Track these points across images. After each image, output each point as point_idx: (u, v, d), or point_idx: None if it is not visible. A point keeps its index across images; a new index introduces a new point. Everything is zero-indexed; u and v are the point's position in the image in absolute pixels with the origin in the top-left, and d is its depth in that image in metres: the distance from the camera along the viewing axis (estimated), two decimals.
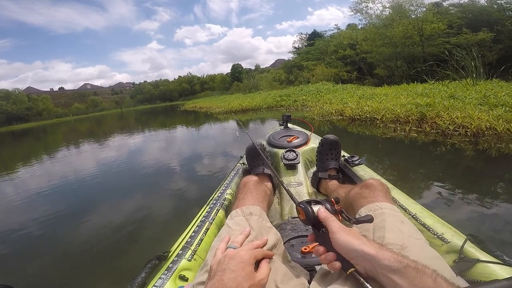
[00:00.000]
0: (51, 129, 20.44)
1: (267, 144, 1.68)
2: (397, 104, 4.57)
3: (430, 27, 11.53)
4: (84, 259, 1.73)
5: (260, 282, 0.52)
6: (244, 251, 0.55)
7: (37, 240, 2.08)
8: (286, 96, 10.83)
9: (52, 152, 7.24)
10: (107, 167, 4.28)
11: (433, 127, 3.47)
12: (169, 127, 9.83)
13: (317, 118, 5.47)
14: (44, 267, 1.72)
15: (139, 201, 2.65)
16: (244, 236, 0.64)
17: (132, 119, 19.45)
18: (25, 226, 2.35)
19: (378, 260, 0.45)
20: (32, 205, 2.93)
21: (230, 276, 0.49)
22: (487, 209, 1.63)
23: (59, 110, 50.81)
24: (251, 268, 0.52)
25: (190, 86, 58.64)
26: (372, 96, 6.43)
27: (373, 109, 4.66)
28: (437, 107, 3.89)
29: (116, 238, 1.95)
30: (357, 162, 1.36)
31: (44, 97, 49.62)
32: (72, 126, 20.94)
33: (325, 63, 17.93)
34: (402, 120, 3.97)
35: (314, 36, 26.43)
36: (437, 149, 2.88)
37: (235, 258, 0.53)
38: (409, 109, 4.10)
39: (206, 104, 16.63)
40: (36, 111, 43.38)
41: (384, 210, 0.70)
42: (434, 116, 3.63)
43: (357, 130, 4.33)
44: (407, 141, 3.28)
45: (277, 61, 68.26)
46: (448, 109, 3.74)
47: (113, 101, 66.53)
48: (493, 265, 0.63)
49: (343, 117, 5.23)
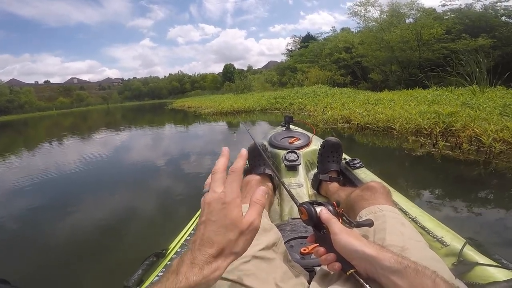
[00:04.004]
0: (22, 123, 19.43)
1: (269, 144, 1.64)
2: (413, 112, 4.03)
3: (428, 32, 11.28)
4: (72, 256, 1.67)
5: (251, 226, 0.41)
6: (222, 192, 0.41)
7: (19, 236, 2.03)
8: (281, 98, 10.25)
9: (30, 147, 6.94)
10: (85, 165, 4.16)
11: (471, 142, 2.87)
12: (153, 126, 9.26)
13: (321, 126, 4.86)
14: (34, 263, 1.64)
15: (128, 199, 2.59)
16: (222, 167, 0.44)
17: (112, 117, 18.89)
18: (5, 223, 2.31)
19: (378, 261, 0.45)
20: (11, 202, 2.84)
21: (211, 229, 0.39)
22: None
23: (42, 103, 49.27)
24: (236, 211, 0.40)
25: (180, 84, 57.87)
26: (378, 101, 5.93)
27: (388, 117, 4.08)
28: (461, 117, 3.41)
29: (108, 235, 1.91)
30: (358, 165, 1.38)
31: (27, 89, 48.40)
32: (54, 120, 20.21)
33: (319, 66, 17.58)
34: (425, 132, 3.41)
35: (307, 39, 26.16)
36: (488, 174, 2.30)
37: (211, 203, 0.40)
38: (430, 118, 3.57)
39: (195, 104, 15.90)
40: (17, 104, 42.16)
41: (385, 212, 0.71)
42: (461, 127, 3.13)
43: (369, 141, 3.78)
44: (439, 159, 2.69)
45: (269, 63, 67.98)
46: (474, 119, 3.26)
47: (100, 96, 64.29)
48: (492, 268, 0.64)
49: (349, 125, 4.66)
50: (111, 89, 75.01)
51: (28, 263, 1.64)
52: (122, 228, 1.99)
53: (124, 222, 2.08)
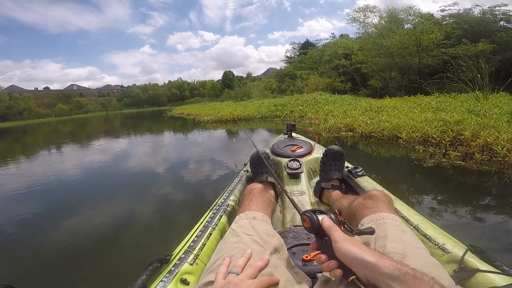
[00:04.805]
0: (20, 131, 19.30)
1: (271, 152, 1.65)
2: (418, 119, 3.91)
3: (427, 38, 11.25)
4: (76, 261, 1.69)
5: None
6: (250, 281, 0.53)
7: (23, 242, 2.04)
8: (282, 106, 10.11)
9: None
10: (86, 173, 4.21)
11: (483, 152, 2.72)
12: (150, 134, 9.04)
13: (324, 134, 4.72)
14: (39, 269, 1.65)
15: (130, 206, 2.59)
16: (245, 259, 0.61)
17: (111, 124, 18.90)
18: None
19: (378, 268, 0.46)
20: (9, 208, 2.88)
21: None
22: None
23: (41, 110, 48.70)
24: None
25: (180, 91, 57.81)
26: (381, 108, 5.80)
27: (393, 126, 3.94)
28: (469, 125, 3.29)
29: (111, 241, 1.92)
30: (360, 173, 1.38)
31: (26, 96, 48.05)
32: (52, 127, 20.05)
33: (319, 73, 17.53)
34: (433, 141, 3.28)
35: (307, 46, 26.21)
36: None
37: (239, 287, 0.51)
38: (437, 126, 3.43)
39: (194, 111, 15.77)
40: (16, 111, 41.82)
41: (386, 220, 0.71)
42: (471, 136, 3.01)
43: (373, 151, 3.64)
44: (451, 170, 2.55)
45: (268, 70, 68.01)
46: (483, 128, 3.15)
47: (99, 103, 63.99)
48: (493, 274, 0.64)
49: (353, 133, 4.52)
50: (111, 96, 74.69)
51: (33, 269, 1.65)
52: (125, 234, 2.01)
53: (127, 228, 2.11)
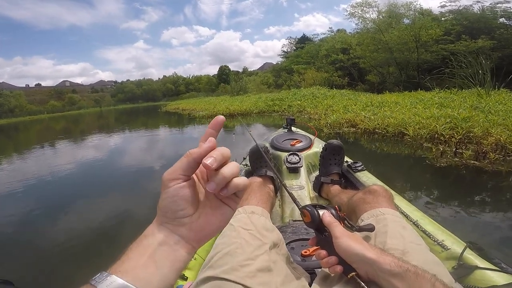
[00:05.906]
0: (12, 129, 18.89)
1: (270, 146, 1.64)
2: (424, 116, 3.76)
3: (426, 33, 11.13)
4: (75, 258, 1.68)
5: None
6: None
7: (22, 240, 2.02)
8: (279, 101, 9.93)
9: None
10: (80, 169, 4.16)
11: (496, 151, 2.55)
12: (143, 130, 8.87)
13: (325, 130, 4.56)
14: (36, 266, 1.65)
15: (127, 203, 2.56)
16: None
17: (104, 120, 18.59)
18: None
19: (379, 265, 0.45)
20: (7, 207, 2.79)
21: None
22: None
23: (33, 107, 48.10)
24: None
25: (175, 86, 57.35)
26: (382, 104, 5.64)
27: (398, 122, 3.78)
28: (478, 122, 3.16)
29: (109, 237, 1.91)
30: (360, 168, 1.37)
31: (17, 93, 47.42)
32: (45, 124, 19.81)
33: (316, 67, 17.37)
34: (442, 139, 3.12)
35: (303, 40, 26.05)
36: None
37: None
38: (445, 123, 3.28)
39: (190, 106, 15.50)
40: (7, 108, 41.37)
41: (386, 215, 0.70)
42: (482, 134, 2.87)
43: (377, 148, 3.48)
44: (463, 169, 2.39)
45: (265, 64, 67.74)
46: (493, 125, 3.01)
47: (92, 99, 63.16)
48: (491, 272, 0.63)
49: (356, 129, 4.37)
50: (104, 92, 73.74)
51: (30, 266, 1.66)
52: (123, 230, 2.00)
53: (124, 224, 2.10)
